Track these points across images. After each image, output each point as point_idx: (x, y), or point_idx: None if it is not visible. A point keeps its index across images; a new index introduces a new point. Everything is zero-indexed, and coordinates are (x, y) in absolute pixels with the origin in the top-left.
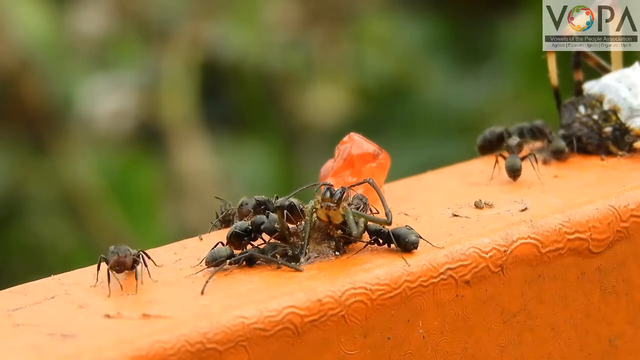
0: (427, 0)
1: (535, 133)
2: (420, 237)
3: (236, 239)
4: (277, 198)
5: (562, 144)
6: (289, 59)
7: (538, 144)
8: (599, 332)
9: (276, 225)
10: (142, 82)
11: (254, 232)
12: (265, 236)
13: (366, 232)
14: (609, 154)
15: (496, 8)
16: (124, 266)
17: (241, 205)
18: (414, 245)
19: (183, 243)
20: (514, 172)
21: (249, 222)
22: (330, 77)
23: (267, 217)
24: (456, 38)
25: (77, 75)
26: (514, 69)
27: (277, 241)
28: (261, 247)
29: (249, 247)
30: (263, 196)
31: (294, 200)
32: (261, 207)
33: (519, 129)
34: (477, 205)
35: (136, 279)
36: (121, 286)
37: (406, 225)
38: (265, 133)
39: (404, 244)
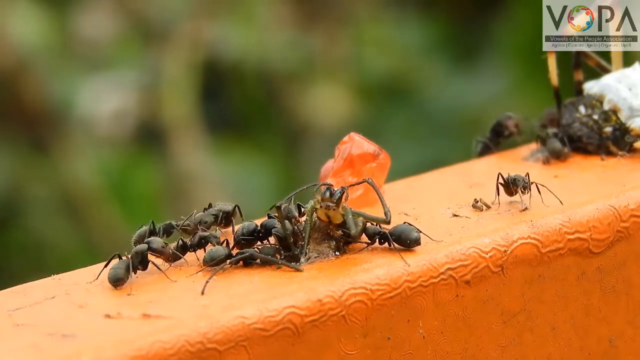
0: (424, 0)
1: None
2: (420, 232)
3: (244, 241)
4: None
5: (557, 144)
6: (289, 59)
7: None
8: (599, 332)
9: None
10: (142, 82)
11: (263, 236)
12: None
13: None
14: (609, 154)
15: (492, 6)
16: None
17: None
18: (416, 242)
19: None
20: None
21: (260, 225)
22: (330, 77)
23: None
24: (454, 37)
25: (77, 75)
26: (510, 66)
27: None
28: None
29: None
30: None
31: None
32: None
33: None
34: (477, 206)
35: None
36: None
37: (405, 222)
38: (265, 133)
39: (406, 242)
